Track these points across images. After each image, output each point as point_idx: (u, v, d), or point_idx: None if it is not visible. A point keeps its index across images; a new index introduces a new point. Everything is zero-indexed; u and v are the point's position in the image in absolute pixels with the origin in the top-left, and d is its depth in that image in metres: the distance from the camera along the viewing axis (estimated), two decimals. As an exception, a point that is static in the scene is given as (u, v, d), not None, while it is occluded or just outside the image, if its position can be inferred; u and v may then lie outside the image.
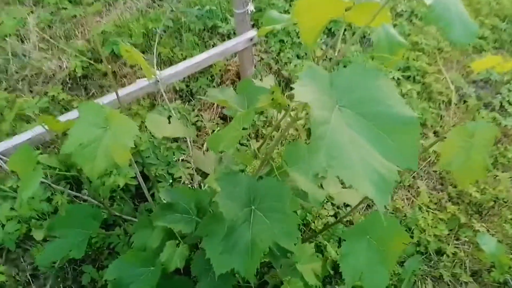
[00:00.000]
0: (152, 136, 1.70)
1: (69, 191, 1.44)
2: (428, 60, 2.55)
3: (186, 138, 1.67)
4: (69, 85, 2.09)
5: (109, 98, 1.67)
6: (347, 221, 1.74)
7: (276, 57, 2.32)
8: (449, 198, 1.94)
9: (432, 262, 1.72)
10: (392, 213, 1.83)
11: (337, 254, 1.56)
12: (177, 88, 2.09)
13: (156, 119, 1.37)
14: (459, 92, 2.45)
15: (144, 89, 1.71)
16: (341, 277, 1.06)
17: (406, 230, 1.79)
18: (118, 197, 1.56)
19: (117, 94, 1.22)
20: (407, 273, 1.63)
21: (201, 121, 1.98)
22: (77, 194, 1.36)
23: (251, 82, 1.34)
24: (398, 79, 2.36)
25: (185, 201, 1.12)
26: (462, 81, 2.50)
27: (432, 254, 1.73)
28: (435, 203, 1.90)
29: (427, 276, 1.67)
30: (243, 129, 1.08)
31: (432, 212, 1.85)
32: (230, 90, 1.33)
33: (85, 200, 1.46)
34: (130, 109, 1.94)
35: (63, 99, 1.96)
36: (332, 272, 1.56)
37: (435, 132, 2.22)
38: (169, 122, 1.41)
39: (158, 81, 1.68)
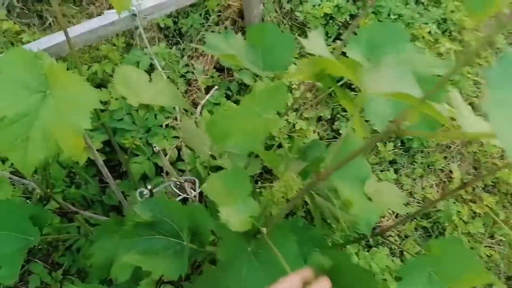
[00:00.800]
0: (127, 91, 1.26)
1: (3, 172, 1.03)
2: (467, 12, 2.11)
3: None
4: (18, 9, 1.58)
5: (71, 32, 1.20)
6: (399, 252, 1.42)
7: (289, -6, 1.84)
8: (484, 186, 1.63)
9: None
10: (420, 202, 1.51)
11: None
12: (162, 25, 1.61)
13: (129, 75, 0.93)
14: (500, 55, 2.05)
15: (116, 24, 1.25)
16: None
17: (437, 225, 1.50)
18: (77, 176, 1.16)
19: (66, 34, 0.77)
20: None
21: (192, 72, 1.54)
22: (15, 178, 0.95)
23: (272, 27, 0.90)
24: (436, 33, 1.93)
25: (173, 218, 0.74)
26: (504, 41, 2.10)
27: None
28: (470, 192, 1.60)
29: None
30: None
31: (466, 204, 1.55)
32: (237, 37, 0.89)
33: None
34: (98, 49, 1.47)
35: (8, 29, 1.47)
36: None
37: (470, 104, 1.85)
38: (150, 80, 0.99)
39: (135, 15, 1.21)
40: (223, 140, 0.69)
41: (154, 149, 0.80)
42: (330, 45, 1.72)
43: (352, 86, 1.68)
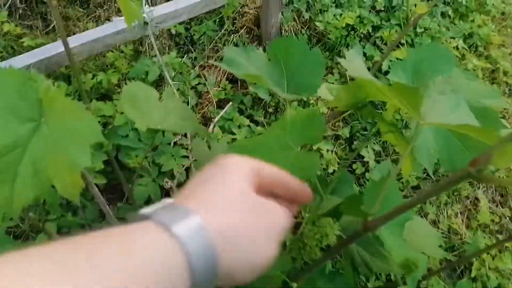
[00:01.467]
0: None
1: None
2: (494, 27, 2.00)
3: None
4: (20, 11, 1.48)
5: (75, 41, 1.11)
6: None
7: (309, 1, 1.73)
8: (512, 216, 1.52)
9: (490, 303, 1.34)
10: (446, 236, 1.40)
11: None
12: (173, 32, 1.51)
13: (137, 93, 0.83)
14: (529, 74, 1.94)
15: (125, 32, 1.15)
16: None
17: (461, 259, 1.39)
18: (75, 199, 1.05)
19: (65, 45, 0.67)
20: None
21: (204, 84, 1.43)
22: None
23: (298, 43, 0.79)
24: (463, 48, 1.82)
25: None
26: (533, 59, 1.98)
27: (490, 293, 1.34)
28: (497, 223, 1.48)
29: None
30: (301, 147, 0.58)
31: (494, 236, 1.44)
32: (258, 52, 0.78)
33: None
34: (104, 56, 1.37)
35: (8, 32, 1.37)
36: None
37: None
38: (160, 98, 0.88)
39: (147, 23, 1.11)
40: None
41: (166, 184, 0.70)
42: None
43: (376, 103, 1.58)
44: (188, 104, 1.32)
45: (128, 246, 0.23)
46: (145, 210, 0.27)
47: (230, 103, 1.21)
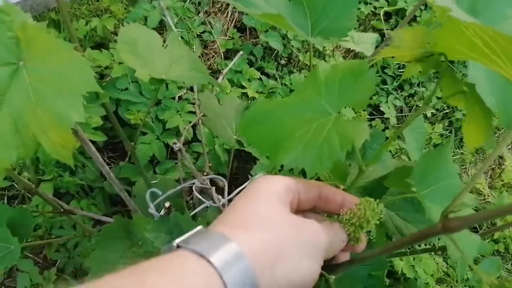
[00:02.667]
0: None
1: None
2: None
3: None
4: None
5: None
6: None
7: None
8: (538, 175, 1.44)
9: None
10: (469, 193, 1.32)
11: None
12: (174, -28, 1.35)
13: (137, 37, 0.70)
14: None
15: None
16: None
17: (489, 229, 1.32)
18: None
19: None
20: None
21: (209, 32, 1.30)
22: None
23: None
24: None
25: None
26: None
27: (514, 255, 1.28)
28: (522, 182, 1.40)
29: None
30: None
31: (518, 196, 1.36)
32: (275, -9, 0.64)
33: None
34: (98, 0, 1.23)
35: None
36: None
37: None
38: (164, 45, 0.76)
39: (145, -42, 0.96)
40: (273, 152, 0.44)
41: (174, 146, 0.60)
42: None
43: (396, 55, 1.44)
44: (193, 54, 1.19)
45: (171, 278, 0.23)
46: (180, 240, 0.27)
47: (240, 52, 1.09)
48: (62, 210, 0.74)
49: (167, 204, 0.57)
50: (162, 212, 0.58)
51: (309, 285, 0.29)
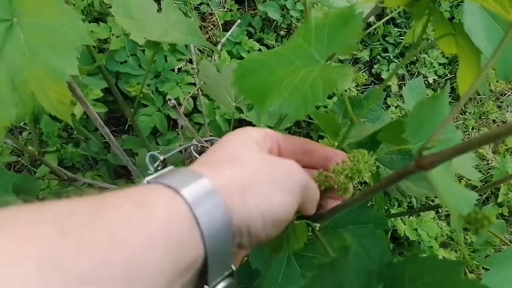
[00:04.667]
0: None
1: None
2: None
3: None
4: None
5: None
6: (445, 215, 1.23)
7: None
8: (542, 140, 1.42)
9: (516, 229, 1.29)
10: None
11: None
12: None
13: (131, 1, 0.71)
14: None
15: None
16: None
17: (487, 185, 1.32)
18: (75, 131, 0.97)
19: None
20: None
21: (207, 4, 1.29)
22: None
23: None
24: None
25: None
26: None
27: None
28: (526, 147, 1.39)
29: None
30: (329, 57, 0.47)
31: (522, 160, 1.35)
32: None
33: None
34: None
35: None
36: None
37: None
38: (159, 10, 0.76)
39: None
40: (262, 100, 0.45)
41: (169, 102, 0.60)
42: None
43: (397, 22, 1.43)
44: (191, 26, 1.18)
45: (145, 210, 0.21)
46: (151, 177, 0.26)
47: (238, 21, 1.08)
48: (65, 177, 0.75)
49: (161, 158, 0.58)
50: (155, 165, 0.59)
51: (283, 219, 0.28)
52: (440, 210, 1.23)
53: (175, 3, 1.19)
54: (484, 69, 0.37)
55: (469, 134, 1.36)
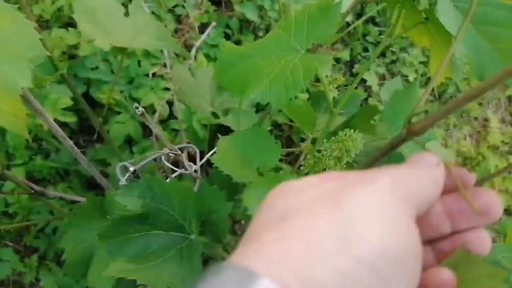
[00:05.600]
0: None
1: None
2: None
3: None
4: None
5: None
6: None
7: None
8: (523, 136, 1.43)
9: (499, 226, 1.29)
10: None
11: None
12: None
13: (95, 6, 0.67)
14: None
15: None
16: None
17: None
18: (44, 141, 0.92)
19: None
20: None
21: (183, 5, 1.25)
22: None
23: None
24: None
25: (174, 204, 0.53)
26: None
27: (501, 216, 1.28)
28: (507, 143, 1.40)
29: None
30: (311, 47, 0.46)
31: (503, 157, 1.36)
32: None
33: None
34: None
35: None
36: None
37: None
38: (126, 14, 0.73)
39: None
40: (242, 90, 0.45)
41: (136, 110, 0.57)
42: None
43: (376, 21, 1.41)
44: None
45: None
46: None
47: (213, 23, 1.05)
48: (32, 191, 0.71)
49: (131, 169, 0.55)
50: (127, 177, 0.56)
51: None
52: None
53: (148, 5, 1.15)
54: (451, 48, 0.36)
55: (450, 132, 1.36)
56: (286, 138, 1.24)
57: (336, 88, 1.17)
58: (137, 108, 0.66)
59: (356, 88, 1.29)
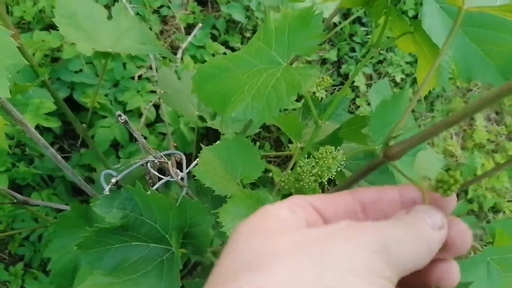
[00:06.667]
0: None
1: None
2: None
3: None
4: None
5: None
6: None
7: None
8: (508, 133, 1.45)
9: (486, 223, 1.30)
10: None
11: None
12: None
13: (77, 9, 0.65)
14: None
15: None
16: None
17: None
18: (26, 147, 0.90)
19: None
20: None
21: (168, 6, 1.24)
22: None
23: None
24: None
25: (155, 216, 0.52)
26: None
27: (487, 213, 1.30)
28: (493, 141, 1.41)
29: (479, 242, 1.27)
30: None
31: (490, 155, 1.37)
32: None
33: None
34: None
35: None
36: None
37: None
38: (109, 17, 0.71)
39: None
40: (223, 107, 0.43)
41: (119, 118, 0.56)
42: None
43: (363, 21, 1.42)
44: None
45: None
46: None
47: (200, 24, 1.04)
48: (15, 200, 0.69)
49: (113, 180, 0.54)
50: (109, 187, 0.54)
51: None
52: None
53: (132, 6, 1.14)
54: (438, 57, 0.35)
55: (437, 131, 1.37)
56: (275, 140, 1.23)
57: (324, 88, 1.17)
58: (119, 116, 0.64)
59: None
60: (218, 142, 0.61)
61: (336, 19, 1.25)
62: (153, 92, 1.03)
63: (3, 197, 0.73)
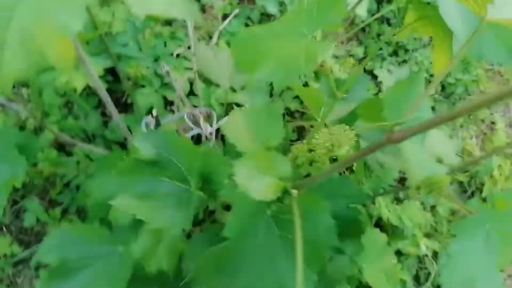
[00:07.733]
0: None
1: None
2: None
3: (184, 21, 1.07)
4: None
5: None
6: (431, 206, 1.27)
7: None
8: (529, 141, 1.46)
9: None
10: (458, 154, 1.36)
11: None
12: None
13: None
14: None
15: None
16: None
17: (474, 180, 1.36)
18: (75, 106, 1.01)
19: None
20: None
21: (208, -4, 1.34)
22: (7, 104, 0.81)
23: None
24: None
25: (182, 158, 0.60)
26: None
27: (501, 215, 1.31)
28: (513, 147, 1.43)
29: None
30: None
31: (508, 159, 1.39)
32: None
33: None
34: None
35: None
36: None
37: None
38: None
39: None
40: (252, 69, 0.51)
41: (162, 68, 0.65)
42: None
43: (391, 22, 1.48)
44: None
45: None
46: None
47: (236, 10, 1.13)
48: (66, 141, 0.79)
49: (155, 113, 0.62)
50: (149, 128, 0.63)
51: None
52: (425, 202, 1.26)
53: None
54: (456, 56, 0.41)
55: (457, 132, 1.40)
56: (298, 126, 1.30)
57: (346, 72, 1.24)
58: (163, 67, 0.74)
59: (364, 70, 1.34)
60: (249, 107, 0.68)
61: (365, 16, 1.31)
62: (189, 69, 1.12)
63: (50, 147, 0.84)
